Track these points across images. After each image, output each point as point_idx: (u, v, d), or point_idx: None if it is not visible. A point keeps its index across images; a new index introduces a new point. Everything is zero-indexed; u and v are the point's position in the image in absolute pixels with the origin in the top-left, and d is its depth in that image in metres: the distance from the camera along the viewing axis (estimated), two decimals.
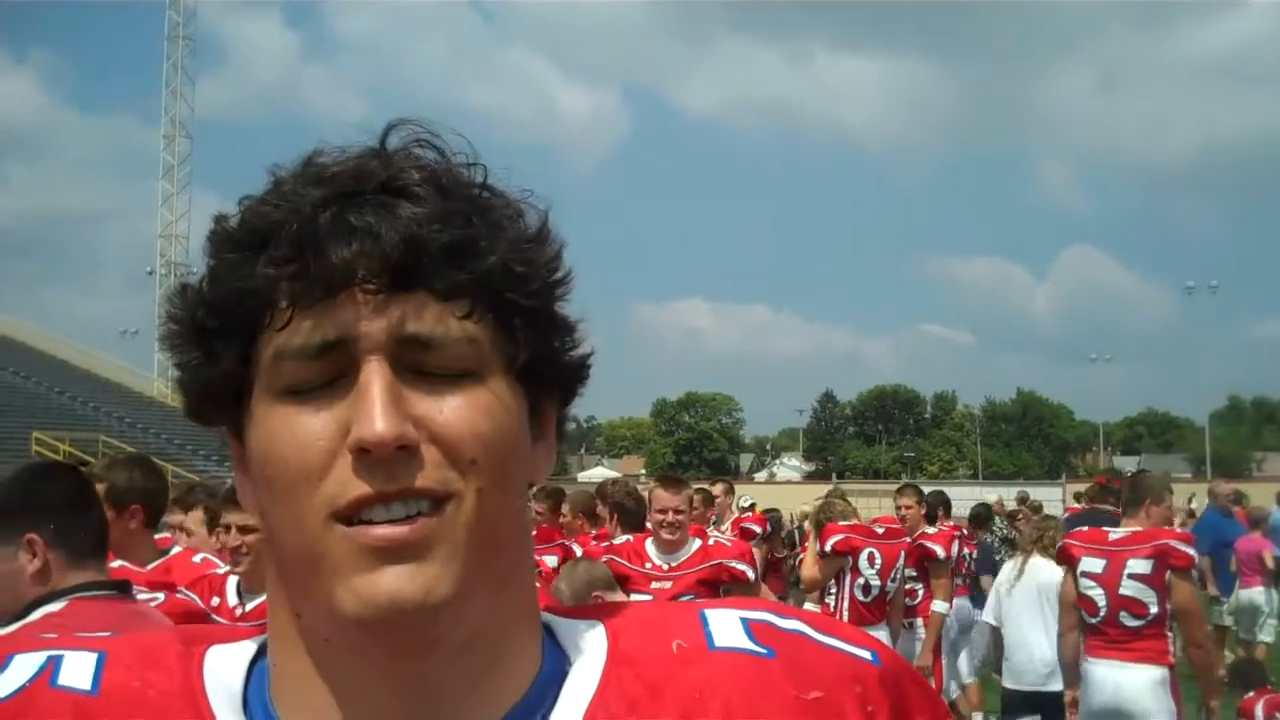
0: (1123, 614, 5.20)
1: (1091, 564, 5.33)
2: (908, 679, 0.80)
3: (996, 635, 6.94)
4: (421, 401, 0.69)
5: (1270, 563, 10.81)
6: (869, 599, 6.91)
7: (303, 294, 0.68)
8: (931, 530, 8.06)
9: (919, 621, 7.82)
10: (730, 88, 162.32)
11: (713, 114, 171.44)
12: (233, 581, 3.91)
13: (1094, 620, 5.32)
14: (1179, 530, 6.04)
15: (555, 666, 0.76)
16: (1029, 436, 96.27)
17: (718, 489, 9.61)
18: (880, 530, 7.15)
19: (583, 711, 0.72)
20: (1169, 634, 5.30)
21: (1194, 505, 15.50)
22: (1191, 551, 5.35)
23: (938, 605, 7.67)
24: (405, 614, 0.66)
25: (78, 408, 39.24)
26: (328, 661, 0.72)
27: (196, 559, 4.12)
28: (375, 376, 0.68)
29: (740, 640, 0.76)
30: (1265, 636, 10.80)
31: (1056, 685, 6.04)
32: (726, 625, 0.78)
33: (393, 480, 0.67)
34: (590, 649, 0.77)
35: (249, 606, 3.69)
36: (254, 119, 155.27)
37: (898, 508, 8.10)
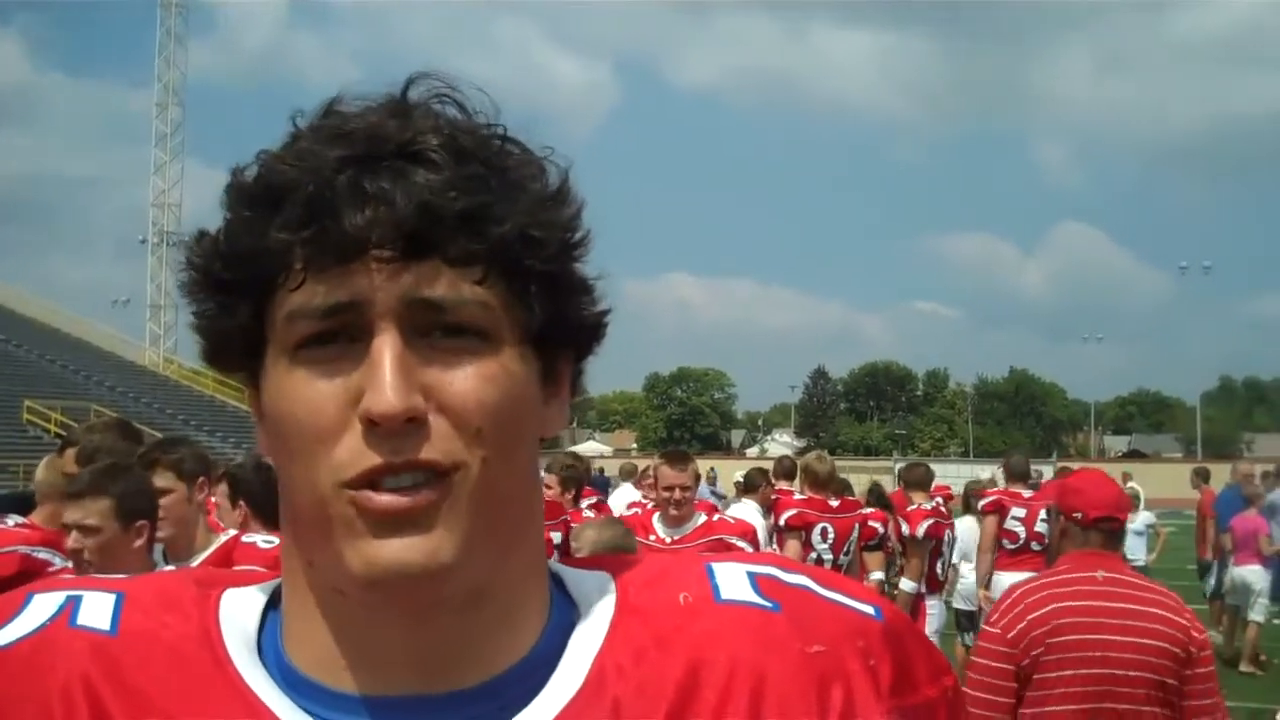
0: (1034, 544, 8.31)
1: (1018, 511, 8.54)
2: (909, 634, 0.82)
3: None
4: (431, 370, 0.69)
5: (1265, 548, 10.82)
6: None
7: (316, 259, 0.69)
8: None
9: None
10: (726, 61, 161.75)
11: (706, 87, 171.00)
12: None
13: (1013, 546, 8.45)
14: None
15: (564, 617, 0.77)
16: (1020, 415, 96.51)
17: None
18: (834, 503, 7.19)
19: (590, 661, 0.74)
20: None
21: None
22: None
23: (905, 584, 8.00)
24: (410, 578, 0.68)
25: (69, 376, 39.13)
26: (340, 611, 0.73)
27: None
28: (386, 346, 0.68)
29: (746, 594, 0.78)
30: (1256, 615, 10.82)
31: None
32: (733, 579, 0.79)
33: (401, 452, 0.68)
34: (599, 600, 0.78)
35: None
36: (242, 84, 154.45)
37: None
